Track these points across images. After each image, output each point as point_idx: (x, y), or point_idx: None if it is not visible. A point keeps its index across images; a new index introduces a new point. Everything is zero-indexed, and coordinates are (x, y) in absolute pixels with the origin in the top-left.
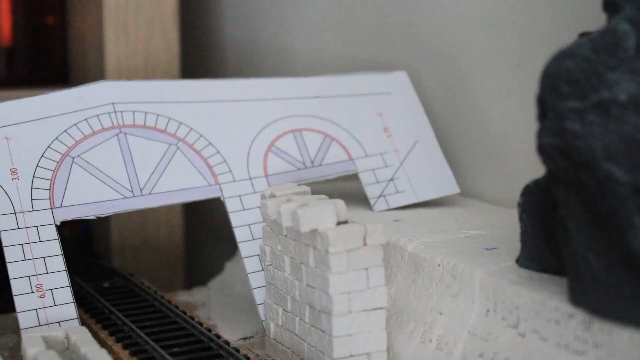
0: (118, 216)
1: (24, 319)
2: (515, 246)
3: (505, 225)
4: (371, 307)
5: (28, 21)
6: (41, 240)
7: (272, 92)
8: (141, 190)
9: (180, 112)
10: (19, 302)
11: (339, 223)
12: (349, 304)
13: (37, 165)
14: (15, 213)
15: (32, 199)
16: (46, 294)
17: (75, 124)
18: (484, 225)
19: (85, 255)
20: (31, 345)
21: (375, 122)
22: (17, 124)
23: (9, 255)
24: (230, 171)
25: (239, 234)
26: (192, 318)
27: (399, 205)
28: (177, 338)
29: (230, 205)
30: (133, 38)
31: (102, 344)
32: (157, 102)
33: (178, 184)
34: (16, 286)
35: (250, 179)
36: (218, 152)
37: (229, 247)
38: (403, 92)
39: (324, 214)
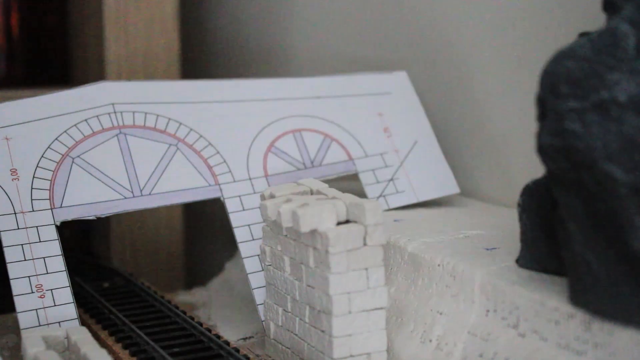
0: (118, 216)
1: (24, 319)
2: (515, 246)
3: (505, 225)
4: (371, 307)
5: (28, 21)
6: (41, 240)
7: (272, 92)
8: (141, 191)
9: (180, 113)
10: (19, 302)
11: (339, 223)
12: (349, 304)
13: (37, 166)
14: (15, 213)
15: (32, 199)
16: (46, 294)
17: (75, 125)
18: (484, 225)
19: (85, 255)
20: (31, 345)
21: (375, 122)
22: (17, 124)
23: (9, 255)
24: (230, 171)
25: (239, 234)
26: (192, 318)
27: (399, 205)
28: (177, 338)
29: (230, 206)
30: (133, 38)
31: (102, 344)
32: (157, 103)
33: (178, 185)
34: (16, 286)
35: (250, 179)
36: (218, 152)
37: (229, 247)
38: (403, 92)
39: (324, 214)
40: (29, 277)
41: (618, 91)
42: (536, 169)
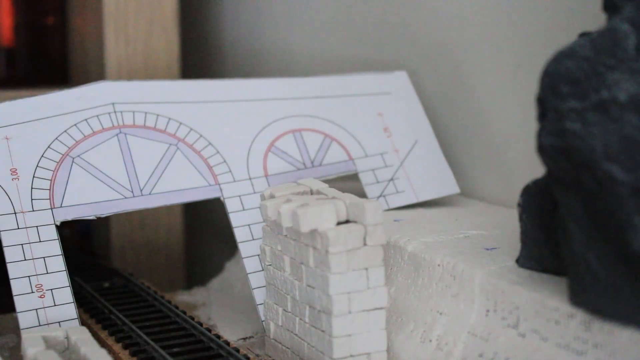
0: (118, 216)
1: (24, 319)
2: (515, 246)
3: (505, 225)
4: (371, 307)
5: (28, 21)
6: (41, 240)
7: (272, 92)
8: (141, 191)
9: (180, 112)
10: (19, 302)
11: (339, 223)
12: (349, 304)
13: (37, 165)
14: (15, 213)
15: (32, 199)
16: (46, 294)
17: (75, 124)
18: (484, 225)
19: (85, 255)
20: (31, 345)
21: (375, 122)
22: (17, 124)
23: (9, 255)
24: (230, 171)
25: (239, 234)
26: (192, 318)
27: (399, 205)
28: (177, 338)
29: (230, 206)
30: (133, 38)
31: (102, 344)
32: (157, 102)
33: (178, 184)
34: (16, 286)
35: (250, 179)
36: (218, 152)
37: (229, 247)
38: (403, 92)
39: (324, 214)
40: (29, 277)
41: (618, 91)
42: (536, 169)
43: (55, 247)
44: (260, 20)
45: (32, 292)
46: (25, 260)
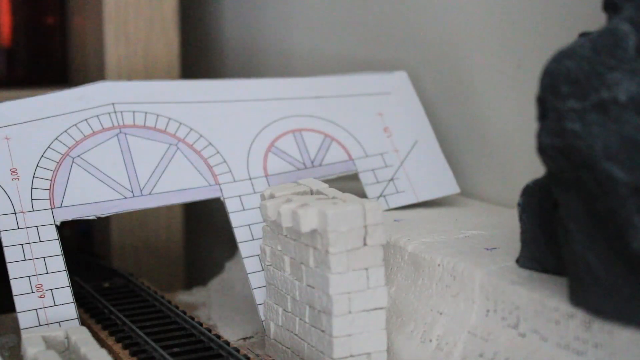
0: (118, 216)
1: (24, 319)
2: (515, 246)
3: (505, 225)
4: (371, 307)
5: (28, 21)
6: (41, 240)
7: (272, 92)
8: (141, 191)
9: (180, 113)
10: (19, 302)
11: None
12: (349, 304)
13: (37, 165)
14: (15, 213)
15: (32, 199)
16: (46, 294)
17: (75, 124)
18: (484, 225)
19: (85, 255)
20: (31, 345)
21: (375, 122)
22: (17, 124)
23: (9, 255)
24: (230, 171)
25: (239, 234)
26: (192, 318)
27: (399, 205)
28: (177, 338)
29: (230, 206)
30: (133, 38)
31: (102, 344)
32: (157, 103)
33: (178, 184)
34: (16, 286)
35: (250, 179)
36: (218, 152)
37: (229, 247)
38: (403, 92)
39: None
40: (29, 277)
41: (618, 91)
42: (536, 169)
43: (55, 247)
44: (260, 20)
45: (32, 292)
46: (25, 260)
